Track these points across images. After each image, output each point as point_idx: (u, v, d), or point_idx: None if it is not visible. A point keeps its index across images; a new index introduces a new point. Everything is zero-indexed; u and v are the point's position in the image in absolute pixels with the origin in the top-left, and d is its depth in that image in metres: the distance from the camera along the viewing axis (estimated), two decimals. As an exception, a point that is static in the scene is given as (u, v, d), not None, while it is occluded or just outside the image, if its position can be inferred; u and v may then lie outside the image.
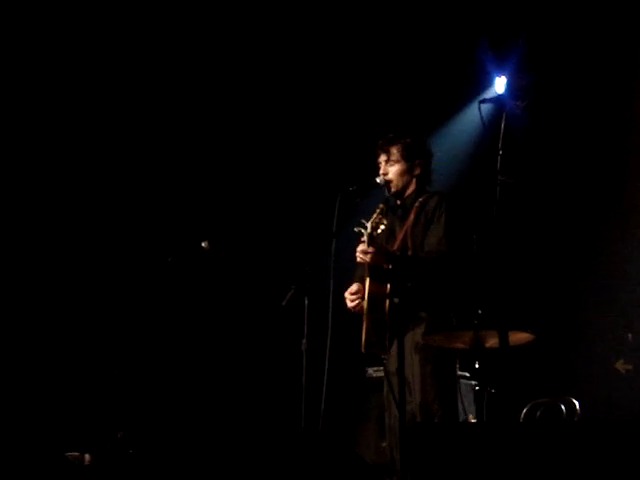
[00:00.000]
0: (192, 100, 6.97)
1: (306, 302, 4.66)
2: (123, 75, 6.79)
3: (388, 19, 6.93)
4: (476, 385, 4.41)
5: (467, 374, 5.57)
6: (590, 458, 3.27)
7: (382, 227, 4.63)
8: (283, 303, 4.67)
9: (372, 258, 4.60)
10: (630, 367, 6.76)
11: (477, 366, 4.39)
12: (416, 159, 4.94)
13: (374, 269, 4.61)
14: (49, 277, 6.52)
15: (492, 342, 4.30)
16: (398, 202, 4.97)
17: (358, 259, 4.67)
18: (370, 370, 6.38)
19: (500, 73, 5.38)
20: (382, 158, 4.95)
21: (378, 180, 4.92)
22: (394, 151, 4.92)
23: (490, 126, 4.64)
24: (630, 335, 6.82)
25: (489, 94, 5.36)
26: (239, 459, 4.90)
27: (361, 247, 4.64)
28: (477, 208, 4.94)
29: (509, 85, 5.25)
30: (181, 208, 6.88)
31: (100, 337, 6.30)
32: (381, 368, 6.14)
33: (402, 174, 4.91)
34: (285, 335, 5.41)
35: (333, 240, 4.75)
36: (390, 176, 4.91)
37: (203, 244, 5.59)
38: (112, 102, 6.80)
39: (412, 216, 4.79)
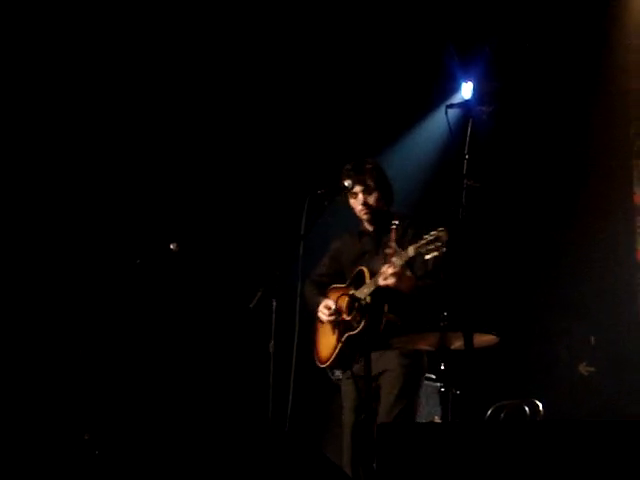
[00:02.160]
0: (156, 104, 6.94)
1: (274, 304, 4.68)
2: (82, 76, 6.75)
3: (355, 25, 6.95)
4: (441, 387, 4.45)
5: (433, 376, 5.62)
6: (553, 458, 3.31)
7: (430, 256, 4.49)
8: (251, 305, 4.69)
9: (404, 284, 4.62)
10: (592, 369, 6.85)
11: (442, 368, 4.43)
12: (386, 184, 5.00)
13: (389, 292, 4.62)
14: (16, 279, 6.47)
15: (457, 344, 4.35)
16: (369, 228, 5.04)
17: (386, 281, 4.60)
18: (337, 372, 6.41)
19: (467, 79, 5.44)
20: (358, 189, 4.96)
21: (346, 184, 4.95)
22: (369, 181, 4.95)
23: (457, 131, 4.69)
24: (593, 338, 6.91)
25: (456, 99, 5.42)
26: (205, 460, 4.91)
27: (393, 270, 4.59)
28: (443, 211, 4.98)
29: (476, 91, 5.31)
30: (149, 210, 6.86)
31: (68, 339, 6.28)
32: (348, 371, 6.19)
33: (379, 200, 4.98)
34: (253, 337, 5.42)
35: (301, 243, 4.77)
36: (372, 204, 4.96)
37: (172, 246, 5.59)
38: (73, 103, 6.76)
39: (394, 243, 4.77)
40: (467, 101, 5.03)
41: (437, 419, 5.25)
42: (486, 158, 4.99)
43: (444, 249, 4.40)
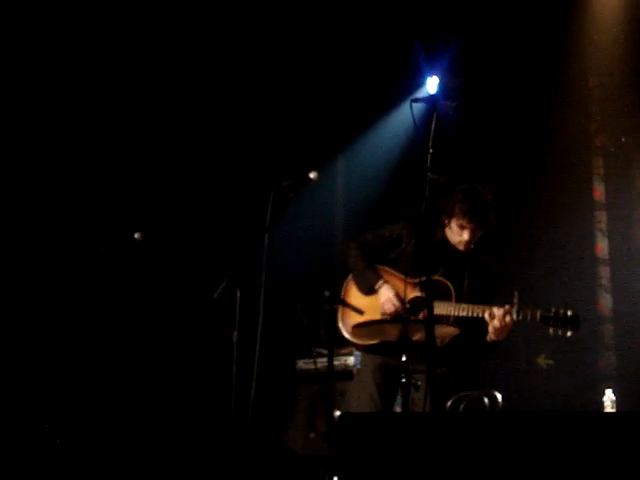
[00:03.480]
0: (123, 92, 6.90)
1: (238, 294, 4.69)
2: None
3: (320, 18, 6.95)
4: (402, 377, 4.48)
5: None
6: (512, 449, 3.35)
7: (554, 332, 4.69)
8: (215, 295, 4.70)
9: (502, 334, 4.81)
10: (551, 362, 6.92)
11: (404, 359, 4.47)
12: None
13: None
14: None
15: (418, 336, 4.39)
16: (459, 246, 4.99)
17: (494, 321, 4.71)
18: (300, 362, 6.45)
19: (432, 73, 5.48)
20: (470, 226, 4.90)
21: (312, 176, 4.95)
22: (481, 223, 4.91)
23: (421, 125, 4.72)
24: (551, 330, 6.97)
25: (421, 93, 5.46)
26: (167, 448, 4.92)
27: (509, 319, 4.73)
28: (408, 205, 5.02)
29: (441, 85, 5.35)
30: (114, 199, 6.82)
31: (31, 329, 6.24)
32: (311, 360, 6.23)
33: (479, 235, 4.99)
34: (216, 327, 5.43)
35: (266, 234, 4.78)
36: (474, 240, 4.96)
37: (136, 235, 5.56)
38: (38, 93, 6.70)
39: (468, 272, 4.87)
40: (432, 95, 5.06)
41: (398, 409, 5.29)
42: (450, 152, 5.03)
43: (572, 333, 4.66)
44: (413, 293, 4.89)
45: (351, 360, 6.17)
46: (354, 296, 5.07)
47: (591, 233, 7.10)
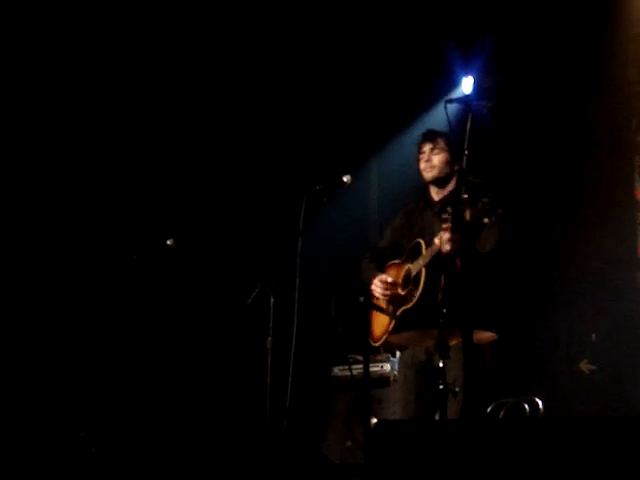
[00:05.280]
0: (152, 101, 6.91)
1: (272, 300, 4.67)
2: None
3: (354, 19, 6.93)
4: (440, 384, 4.40)
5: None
6: (553, 456, 3.28)
7: (487, 220, 4.26)
8: (249, 301, 4.67)
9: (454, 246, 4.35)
10: (594, 367, 6.81)
11: (441, 365, 4.38)
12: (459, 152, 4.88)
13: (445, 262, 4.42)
14: (11, 275, 6.44)
15: (455, 341, 4.31)
16: (435, 198, 4.91)
17: (444, 246, 4.38)
18: (336, 369, 6.40)
19: (467, 73, 5.40)
20: (427, 147, 4.89)
21: (345, 179, 4.91)
22: (440, 140, 4.88)
23: (456, 126, 4.65)
24: (594, 336, 6.87)
25: (456, 94, 5.38)
26: (203, 457, 4.89)
27: (450, 235, 4.34)
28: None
29: (476, 85, 5.27)
30: (146, 206, 6.84)
31: (64, 335, 6.25)
32: (347, 367, 6.17)
33: (446, 164, 4.86)
34: (251, 333, 5.40)
35: (299, 239, 4.74)
36: (434, 163, 4.86)
37: (168, 242, 5.57)
38: (68, 100, 6.72)
39: (449, 208, 4.50)
40: (467, 96, 4.98)
41: (436, 416, 5.21)
42: (486, 153, 4.94)
43: (500, 211, 4.25)
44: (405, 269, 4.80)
45: (387, 367, 6.12)
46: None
47: (633, 234, 6.97)
